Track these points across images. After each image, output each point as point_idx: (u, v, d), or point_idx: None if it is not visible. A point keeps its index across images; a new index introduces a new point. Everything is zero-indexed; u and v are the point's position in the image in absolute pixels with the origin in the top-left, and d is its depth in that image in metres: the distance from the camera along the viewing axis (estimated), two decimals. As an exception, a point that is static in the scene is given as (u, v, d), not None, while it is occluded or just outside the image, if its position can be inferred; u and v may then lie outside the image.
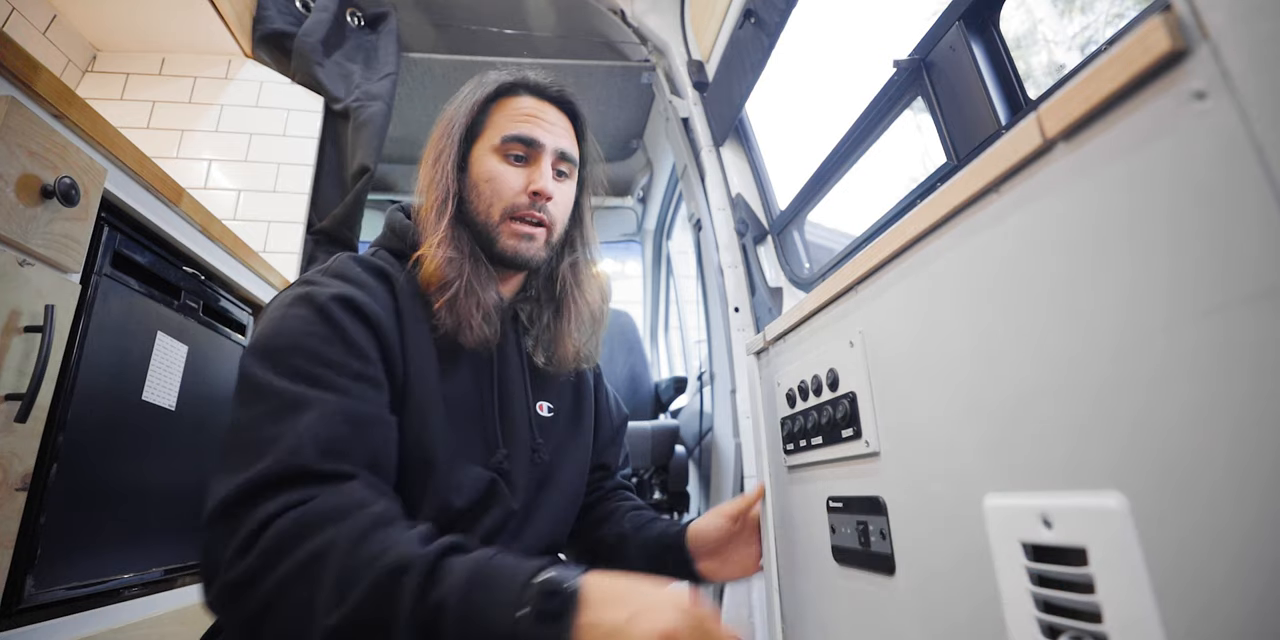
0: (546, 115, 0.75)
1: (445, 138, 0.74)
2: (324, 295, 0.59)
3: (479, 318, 0.67)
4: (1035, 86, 0.81)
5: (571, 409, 0.80)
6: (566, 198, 0.76)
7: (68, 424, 0.73)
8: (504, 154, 0.72)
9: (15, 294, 0.64)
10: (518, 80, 0.76)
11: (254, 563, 0.45)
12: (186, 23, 1.59)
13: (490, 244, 0.71)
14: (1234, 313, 0.32)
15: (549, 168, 0.73)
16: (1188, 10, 0.33)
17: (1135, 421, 0.38)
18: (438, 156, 0.73)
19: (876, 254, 0.70)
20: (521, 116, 0.74)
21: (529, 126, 0.73)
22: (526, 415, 0.73)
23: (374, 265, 0.67)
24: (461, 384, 0.68)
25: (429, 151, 0.75)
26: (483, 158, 0.73)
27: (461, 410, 0.66)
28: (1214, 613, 0.33)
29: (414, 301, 0.66)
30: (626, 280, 3.33)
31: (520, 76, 0.76)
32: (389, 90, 1.73)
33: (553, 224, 0.73)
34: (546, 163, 0.73)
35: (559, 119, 0.76)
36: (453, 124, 0.74)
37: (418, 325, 0.65)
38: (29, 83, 0.65)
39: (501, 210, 0.71)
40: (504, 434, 0.69)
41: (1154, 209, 0.37)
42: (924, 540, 0.63)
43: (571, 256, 0.80)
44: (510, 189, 0.71)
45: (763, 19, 1.29)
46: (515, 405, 0.72)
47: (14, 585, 0.65)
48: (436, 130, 0.76)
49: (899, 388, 0.68)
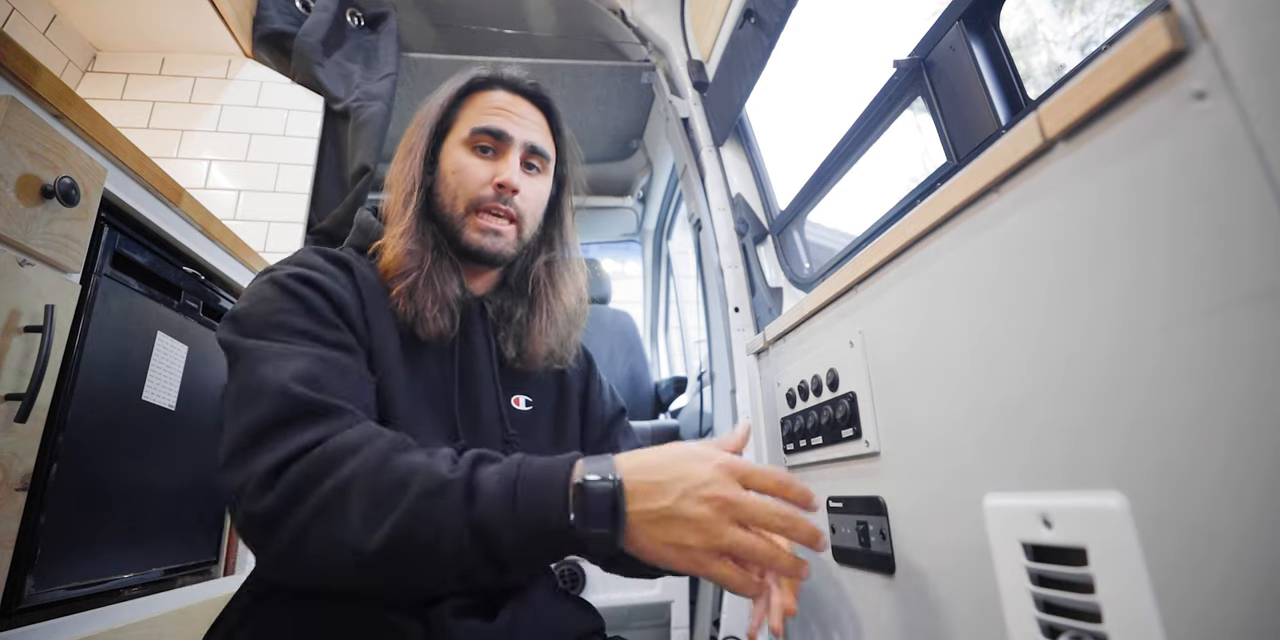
0: (518, 109, 0.74)
1: (417, 132, 0.74)
2: (284, 275, 0.60)
3: (434, 309, 0.66)
4: (1035, 86, 0.81)
5: (555, 404, 0.80)
6: (537, 192, 0.75)
7: (68, 424, 0.73)
8: (472, 146, 0.72)
9: (15, 294, 0.64)
10: (491, 75, 0.76)
11: (274, 503, 0.46)
12: (186, 23, 1.59)
13: (455, 237, 0.71)
14: (1233, 312, 0.32)
15: (517, 160, 0.72)
16: (1188, 10, 0.33)
17: (1135, 421, 0.38)
18: (409, 150, 0.74)
19: (876, 254, 0.70)
20: (492, 110, 0.73)
21: (498, 119, 0.73)
22: (496, 407, 0.72)
23: (335, 255, 0.68)
24: (425, 373, 0.68)
25: (401, 146, 0.75)
26: (451, 151, 0.73)
27: (424, 399, 0.66)
28: (1214, 613, 0.33)
29: (377, 291, 0.67)
30: (626, 280, 3.33)
31: (494, 71, 0.76)
32: (389, 90, 1.73)
33: (521, 218, 0.72)
34: (515, 156, 0.72)
35: (531, 113, 0.76)
36: (425, 118, 0.75)
37: (381, 313, 0.65)
38: (29, 83, 0.65)
39: (467, 202, 0.70)
40: (465, 424, 0.68)
41: (1154, 209, 0.37)
42: (924, 540, 0.63)
43: (548, 255, 0.80)
44: (476, 181, 0.71)
45: (763, 19, 1.29)
46: (483, 397, 0.71)
47: (14, 585, 0.65)
48: (410, 126, 0.76)
49: (899, 388, 0.68)
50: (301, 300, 0.59)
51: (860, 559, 0.75)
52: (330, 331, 0.59)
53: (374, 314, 0.64)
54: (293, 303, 0.58)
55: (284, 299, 0.59)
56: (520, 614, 0.65)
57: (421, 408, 0.66)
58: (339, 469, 0.47)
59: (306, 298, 0.59)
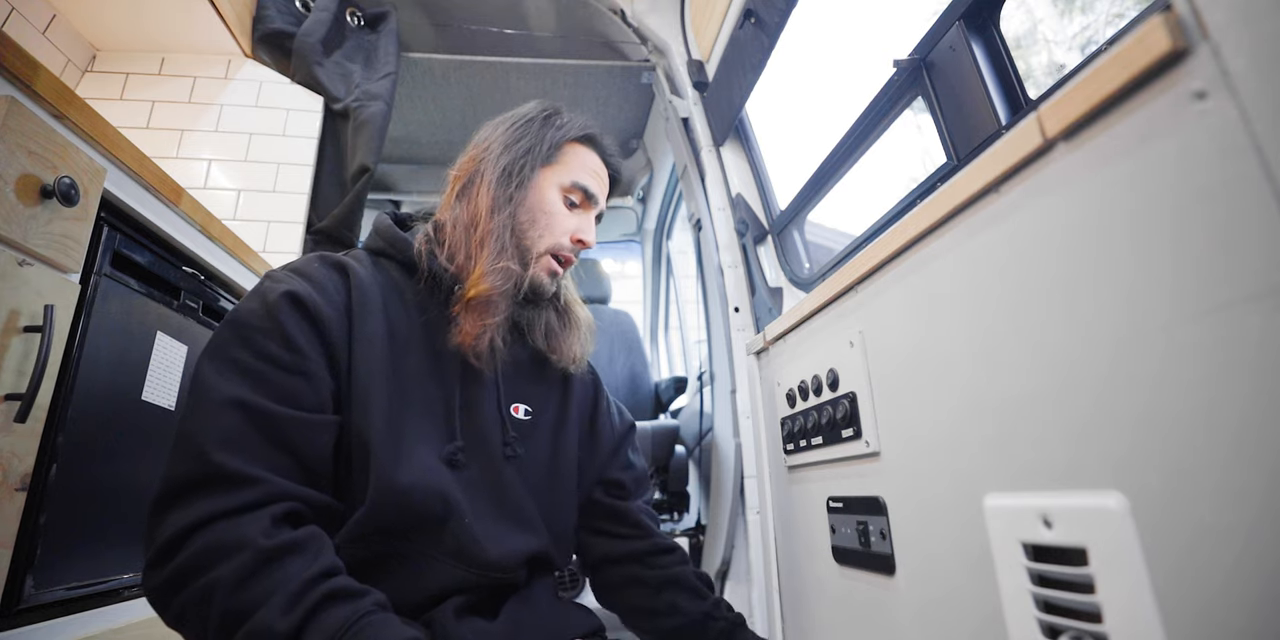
0: (603, 176, 0.83)
1: (524, 156, 0.76)
2: (275, 292, 0.61)
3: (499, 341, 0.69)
4: (1035, 86, 0.81)
5: (555, 416, 0.81)
6: None
7: (67, 424, 0.72)
8: (565, 195, 0.77)
9: (15, 294, 0.64)
10: (596, 136, 0.83)
11: (161, 585, 0.50)
12: (186, 23, 1.59)
13: (524, 268, 0.74)
14: (1234, 312, 0.32)
15: (593, 222, 0.80)
16: (1188, 10, 0.33)
17: (1136, 421, 0.38)
18: (508, 175, 0.75)
19: (876, 254, 0.70)
20: (590, 172, 0.80)
21: (596, 182, 0.80)
22: (497, 412, 0.73)
23: (335, 261, 0.69)
24: (423, 376, 0.68)
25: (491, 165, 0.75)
26: (547, 188, 0.77)
27: (419, 401, 0.67)
28: (1214, 613, 0.33)
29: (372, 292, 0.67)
30: (626, 280, 3.33)
31: (598, 133, 0.83)
32: (389, 90, 1.73)
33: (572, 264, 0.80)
34: (592, 217, 0.80)
35: (607, 183, 0.84)
36: (535, 146, 0.77)
37: (372, 317, 0.66)
38: (29, 83, 0.65)
39: (548, 245, 0.75)
40: (465, 428, 0.69)
41: (1154, 209, 0.37)
42: (924, 540, 0.63)
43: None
44: (562, 229, 0.76)
45: (763, 19, 1.29)
46: (483, 402, 0.72)
47: (14, 585, 0.65)
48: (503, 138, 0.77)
49: (899, 388, 0.68)
50: (277, 322, 0.60)
51: (860, 559, 0.75)
52: (295, 357, 0.59)
53: (361, 320, 0.65)
54: (270, 323, 0.60)
55: (264, 318, 0.60)
56: (522, 614, 0.65)
57: (414, 410, 0.66)
58: (214, 568, 0.49)
59: (283, 322, 0.60)
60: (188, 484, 0.52)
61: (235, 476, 0.53)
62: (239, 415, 0.55)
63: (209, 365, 0.58)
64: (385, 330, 0.66)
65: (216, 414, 0.55)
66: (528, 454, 0.74)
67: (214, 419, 0.55)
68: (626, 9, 1.85)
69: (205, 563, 0.49)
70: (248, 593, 0.48)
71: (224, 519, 0.51)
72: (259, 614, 0.47)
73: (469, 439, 0.69)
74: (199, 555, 0.50)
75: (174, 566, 0.50)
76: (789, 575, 1.01)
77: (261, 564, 0.50)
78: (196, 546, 0.50)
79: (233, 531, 0.51)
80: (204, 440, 0.53)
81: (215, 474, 0.53)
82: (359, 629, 0.48)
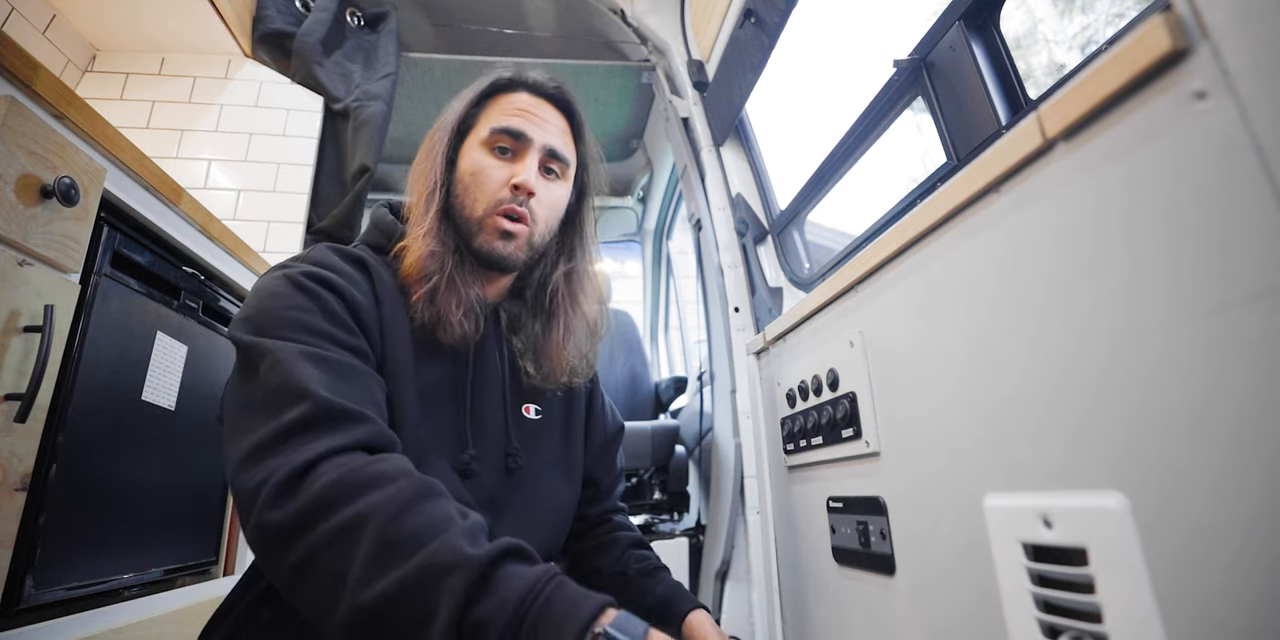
0: (540, 111, 0.73)
1: (439, 132, 0.73)
2: (300, 271, 0.59)
3: (459, 314, 0.65)
4: (1035, 86, 0.81)
5: (563, 414, 0.79)
6: (554, 197, 0.73)
7: (67, 424, 0.72)
8: (491, 147, 0.71)
9: (15, 294, 0.64)
10: (515, 76, 0.75)
11: (292, 516, 0.44)
12: (186, 23, 1.59)
13: (470, 240, 0.69)
14: (1233, 312, 0.32)
15: (535, 163, 0.70)
16: (1188, 10, 0.33)
17: (1135, 421, 0.38)
18: (430, 151, 0.73)
19: (876, 254, 0.70)
20: (513, 111, 0.72)
21: (519, 120, 0.71)
22: (503, 418, 0.71)
23: (352, 254, 0.67)
24: (437, 380, 0.67)
25: (422, 147, 0.75)
26: (470, 151, 0.72)
27: (435, 406, 0.66)
28: (1214, 612, 0.33)
29: (393, 293, 0.65)
30: (626, 280, 3.33)
31: (517, 73, 0.75)
32: (389, 90, 1.73)
33: (534, 222, 0.70)
34: (533, 158, 0.70)
35: (554, 116, 0.74)
36: (447, 119, 0.74)
37: (396, 316, 0.64)
38: (29, 83, 0.65)
39: (485, 205, 0.69)
40: (474, 434, 0.68)
41: (1154, 209, 0.37)
42: (924, 540, 0.63)
43: (568, 265, 0.78)
44: (493, 182, 0.69)
45: (763, 19, 1.29)
46: (490, 406, 0.70)
47: (14, 585, 0.65)
48: (433, 127, 0.76)
49: (899, 387, 0.68)
50: (318, 300, 0.58)
51: (860, 559, 0.75)
52: (346, 335, 0.57)
53: (389, 317, 0.63)
54: (309, 302, 0.57)
55: (300, 297, 0.57)
56: None
57: (430, 414, 0.65)
58: (363, 496, 0.44)
59: (323, 298, 0.58)
60: (301, 424, 0.48)
61: (351, 413, 0.50)
62: (325, 366, 0.52)
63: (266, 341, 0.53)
64: (407, 328, 0.65)
65: (298, 365, 0.51)
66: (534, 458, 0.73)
67: (300, 369, 0.51)
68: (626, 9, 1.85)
69: (346, 493, 0.45)
70: (419, 518, 0.44)
71: (345, 453, 0.48)
72: (442, 538, 0.43)
73: (477, 445, 0.68)
74: (335, 486, 0.45)
75: (304, 501, 0.44)
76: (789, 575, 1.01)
77: (420, 496, 0.45)
78: (327, 479, 0.45)
79: (374, 464, 0.47)
80: (302, 384, 0.50)
81: (325, 413, 0.49)
82: (559, 583, 0.44)
